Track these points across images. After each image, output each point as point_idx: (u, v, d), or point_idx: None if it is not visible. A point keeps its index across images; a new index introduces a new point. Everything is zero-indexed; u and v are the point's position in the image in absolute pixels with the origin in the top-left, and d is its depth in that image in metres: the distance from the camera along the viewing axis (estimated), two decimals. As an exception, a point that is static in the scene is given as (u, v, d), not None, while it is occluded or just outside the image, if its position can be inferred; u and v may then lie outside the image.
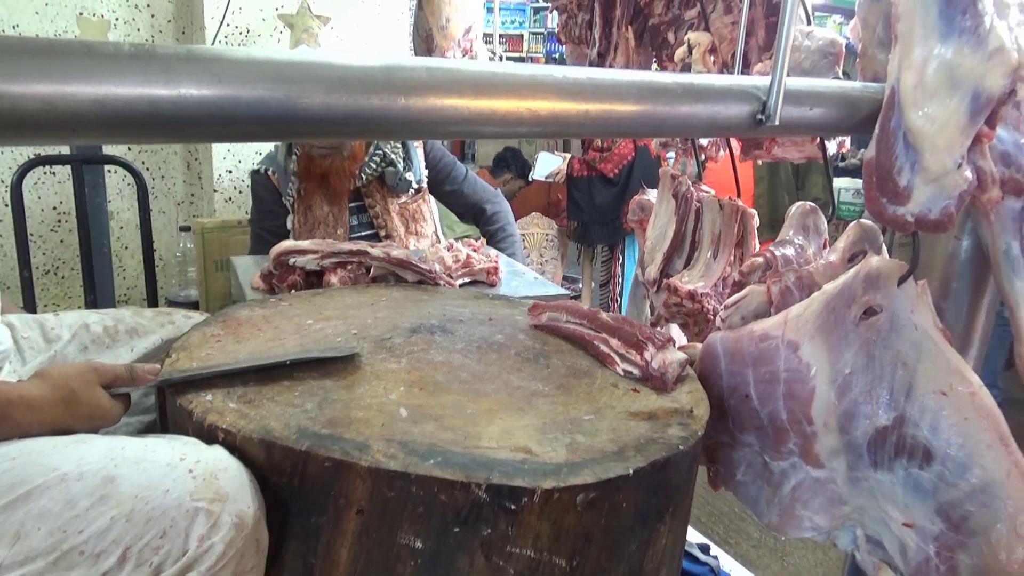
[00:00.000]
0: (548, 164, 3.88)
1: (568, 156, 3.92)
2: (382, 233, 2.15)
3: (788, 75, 0.81)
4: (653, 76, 0.71)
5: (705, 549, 1.63)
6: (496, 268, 1.74)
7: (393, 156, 2.12)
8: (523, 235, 4.02)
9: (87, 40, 0.46)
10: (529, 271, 1.94)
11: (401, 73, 0.58)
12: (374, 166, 2.12)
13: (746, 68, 1.43)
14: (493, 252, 1.86)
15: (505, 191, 3.83)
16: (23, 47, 0.46)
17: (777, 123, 0.77)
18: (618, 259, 3.91)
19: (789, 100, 0.78)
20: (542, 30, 9.37)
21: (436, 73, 0.59)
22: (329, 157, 2.07)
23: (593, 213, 3.83)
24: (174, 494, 0.77)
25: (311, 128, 0.55)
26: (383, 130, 0.57)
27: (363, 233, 2.16)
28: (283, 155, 2.14)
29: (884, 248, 1.17)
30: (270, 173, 2.17)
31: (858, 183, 4.70)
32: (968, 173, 0.82)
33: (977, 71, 0.82)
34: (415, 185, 2.18)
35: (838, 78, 1.18)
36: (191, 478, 0.78)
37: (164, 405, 1.01)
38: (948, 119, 0.81)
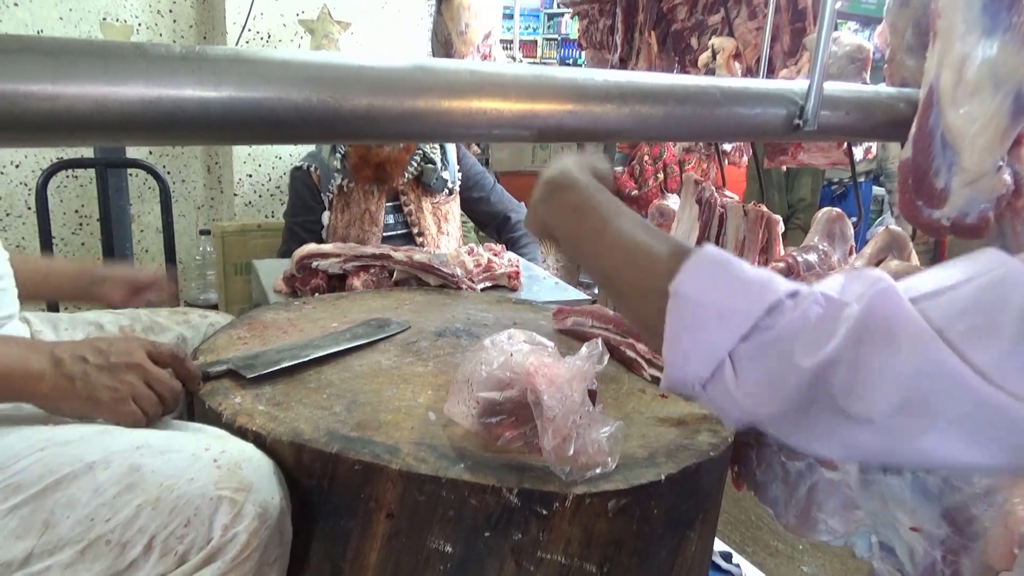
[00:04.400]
0: None
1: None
2: (415, 231, 2.18)
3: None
4: (692, 80, 0.71)
5: (727, 557, 1.61)
6: (517, 273, 1.74)
7: (432, 155, 2.17)
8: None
9: (139, 42, 0.46)
10: (550, 276, 1.94)
11: (444, 75, 0.58)
12: (414, 165, 2.16)
13: (771, 74, 1.42)
14: (514, 257, 1.86)
15: None
16: (77, 49, 0.46)
17: (815, 128, 0.76)
18: None
19: (825, 104, 0.78)
20: (556, 36, 9.37)
21: (478, 76, 0.59)
22: (387, 145, 2.10)
23: None
24: (198, 483, 0.77)
25: (356, 129, 0.55)
26: (427, 132, 0.57)
27: (398, 232, 2.20)
28: (327, 153, 2.19)
29: (914, 254, 1.16)
30: (312, 169, 2.20)
31: (877, 190, 4.66)
32: (1007, 176, 0.80)
33: (1021, 69, 0.79)
34: (450, 185, 2.22)
35: (865, 83, 1.17)
36: (215, 467, 0.79)
37: (192, 407, 1.02)
38: (989, 119, 0.79)
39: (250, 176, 2.96)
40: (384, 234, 2.17)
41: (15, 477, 0.76)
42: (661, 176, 3.67)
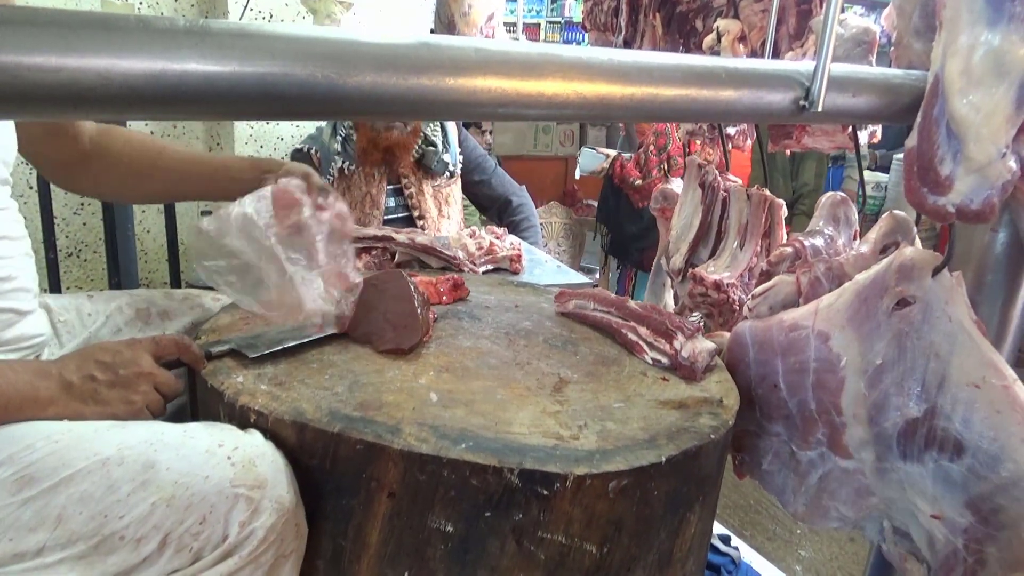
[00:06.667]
0: (592, 160, 3.87)
1: (612, 154, 3.90)
2: (416, 214, 2.18)
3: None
4: (698, 60, 0.70)
5: (726, 540, 1.62)
6: (519, 256, 1.74)
7: (433, 137, 2.17)
8: (542, 223, 4.01)
9: (143, 15, 0.46)
10: (552, 259, 1.94)
11: (449, 52, 0.57)
12: (416, 147, 2.15)
13: (776, 57, 1.41)
14: (516, 240, 1.86)
15: None
16: (80, 20, 0.46)
17: (820, 109, 0.76)
18: (630, 278, 3.89)
19: (832, 86, 0.77)
20: (559, 19, 9.29)
21: (484, 53, 0.58)
22: (396, 129, 2.10)
23: (615, 224, 3.83)
24: (214, 480, 0.77)
25: (360, 106, 0.54)
26: (431, 110, 0.57)
27: (398, 215, 2.20)
28: (328, 135, 2.18)
29: (917, 239, 1.16)
30: (312, 152, 2.19)
31: (879, 177, 4.65)
32: (1012, 163, 0.80)
33: (1024, 60, 0.79)
34: (451, 168, 2.22)
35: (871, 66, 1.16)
36: (230, 464, 0.79)
37: (194, 386, 1.02)
38: (994, 108, 0.79)
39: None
40: (385, 217, 2.17)
41: (29, 469, 0.75)
42: (665, 167, 3.69)
